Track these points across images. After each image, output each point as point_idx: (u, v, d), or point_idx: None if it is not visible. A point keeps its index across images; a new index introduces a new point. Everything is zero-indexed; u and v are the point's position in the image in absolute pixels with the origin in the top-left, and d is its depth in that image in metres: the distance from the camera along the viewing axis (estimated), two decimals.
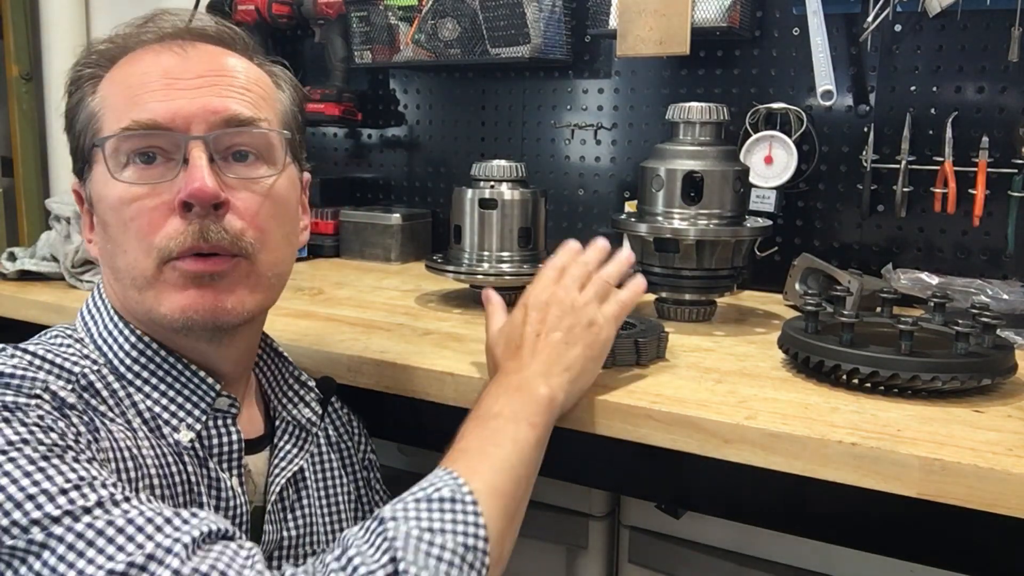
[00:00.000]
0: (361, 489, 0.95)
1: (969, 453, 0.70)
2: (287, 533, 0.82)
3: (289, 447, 0.84)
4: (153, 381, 0.75)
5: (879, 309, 1.03)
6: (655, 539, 1.10)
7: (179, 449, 0.73)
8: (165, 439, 0.73)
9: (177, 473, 0.72)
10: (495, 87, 1.75)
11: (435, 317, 1.23)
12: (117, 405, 0.71)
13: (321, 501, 0.88)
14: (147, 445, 0.70)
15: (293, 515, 0.84)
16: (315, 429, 0.88)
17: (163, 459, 0.71)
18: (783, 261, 1.42)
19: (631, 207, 1.45)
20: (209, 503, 0.74)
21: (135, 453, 0.68)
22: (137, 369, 0.74)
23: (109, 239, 0.74)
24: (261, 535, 0.79)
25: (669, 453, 0.81)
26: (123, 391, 0.73)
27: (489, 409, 0.76)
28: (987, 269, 1.33)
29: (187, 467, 0.73)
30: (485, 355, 0.89)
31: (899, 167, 1.35)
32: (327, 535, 0.87)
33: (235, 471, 0.77)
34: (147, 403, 0.73)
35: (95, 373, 0.72)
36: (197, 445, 0.75)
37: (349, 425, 0.97)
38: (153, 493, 0.68)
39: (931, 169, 1.34)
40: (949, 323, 0.95)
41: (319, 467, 0.90)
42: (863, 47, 1.37)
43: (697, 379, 0.92)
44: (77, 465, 0.61)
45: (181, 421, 0.74)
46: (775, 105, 1.45)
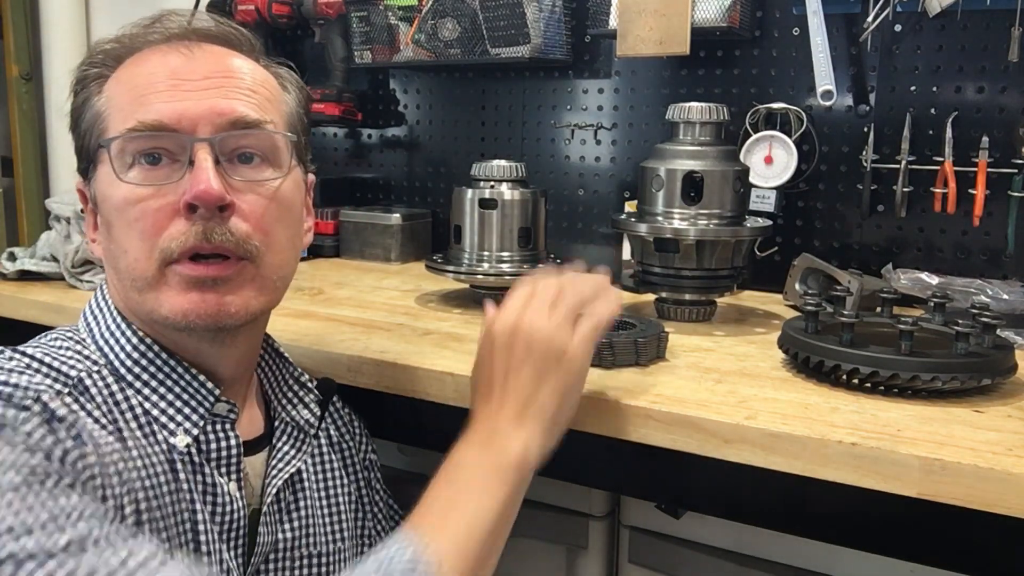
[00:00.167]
0: (362, 489, 0.95)
1: (969, 453, 0.70)
2: (282, 535, 0.82)
3: (287, 448, 0.84)
4: (153, 384, 0.74)
5: (879, 309, 1.03)
6: (655, 539, 1.10)
7: (172, 456, 0.73)
8: (159, 445, 0.72)
9: (166, 483, 0.71)
10: (495, 87, 1.75)
11: (435, 317, 1.23)
12: (110, 412, 0.70)
13: (321, 502, 0.88)
14: (136, 455, 0.70)
15: (289, 517, 0.83)
16: (313, 431, 0.87)
17: (152, 468, 0.70)
18: (783, 261, 1.42)
19: (631, 207, 1.45)
20: (204, 509, 0.74)
21: (121, 468, 0.67)
22: (137, 371, 0.74)
23: (112, 239, 0.74)
24: (256, 537, 0.79)
25: (669, 453, 0.81)
26: (120, 394, 0.72)
27: (460, 463, 0.73)
28: (987, 269, 1.33)
29: (179, 475, 0.72)
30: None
31: (899, 167, 1.35)
32: (327, 536, 0.87)
33: (234, 475, 0.77)
34: (145, 405, 0.73)
35: (95, 375, 0.71)
36: (194, 450, 0.74)
37: (350, 425, 0.97)
38: (139, 508, 0.67)
39: (931, 169, 1.34)
40: (949, 323, 0.95)
41: (319, 468, 0.89)
42: (863, 47, 1.37)
43: (697, 379, 0.92)
44: (57, 493, 0.59)
45: (179, 425, 0.74)
46: (775, 105, 1.45)
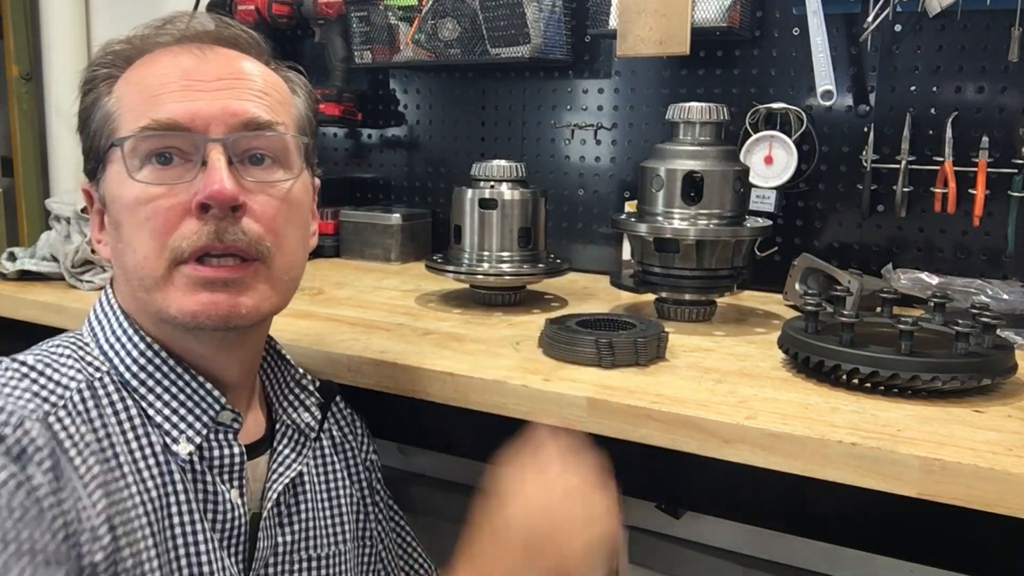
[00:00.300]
0: (364, 491, 0.95)
1: (969, 453, 0.70)
2: (282, 539, 0.82)
3: (288, 451, 0.84)
4: (158, 390, 0.74)
5: (879, 309, 1.03)
6: (655, 539, 1.10)
7: (170, 466, 0.72)
8: (155, 457, 0.71)
9: (160, 497, 0.71)
10: (495, 87, 1.75)
11: (435, 317, 1.23)
12: (104, 427, 0.69)
13: (323, 504, 0.88)
14: (128, 471, 0.69)
15: (290, 520, 0.83)
16: (314, 434, 0.87)
17: (143, 484, 0.70)
18: (783, 261, 1.42)
19: (631, 207, 1.45)
20: (204, 519, 0.73)
21: (111, 489, 0.67)
22: (143, 377, 0.74)
23: (121, 239, 0.73)
24: (256, 542, 0.79)
25: (669, 453, 0.81)
26: (120, 403, 0.72)
27: None
28: (987, 269, 1.33)
29: (176, 485, 0.72)
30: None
31: (899, 167, 1.35)
32: (329, 538, 0.87)
33: (236, 483, 0.76)
34: (149, 412, 0.73)
35: (96, 383, 0.71)
36: (196, 458, 0.74)
37: (352, 426, 0.96)
38: (132, 526, 0.67)
39: (931, 169, 1.34)
40: (949, 323, 0.95)
41: (322, 470, 0.89)
42: (863, 47, 1.37)
43: (697, 379, 0.92)
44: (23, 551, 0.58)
45: (181, 433, 0.73)
46: (775, 105, 1.45)
